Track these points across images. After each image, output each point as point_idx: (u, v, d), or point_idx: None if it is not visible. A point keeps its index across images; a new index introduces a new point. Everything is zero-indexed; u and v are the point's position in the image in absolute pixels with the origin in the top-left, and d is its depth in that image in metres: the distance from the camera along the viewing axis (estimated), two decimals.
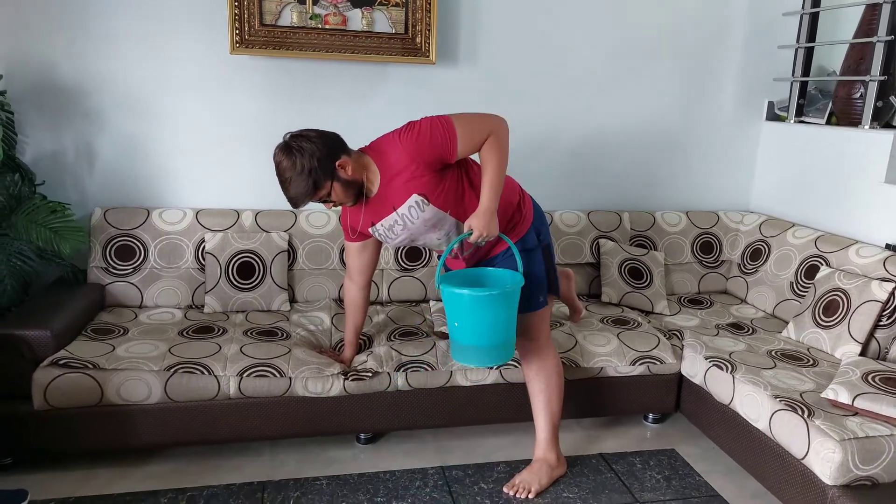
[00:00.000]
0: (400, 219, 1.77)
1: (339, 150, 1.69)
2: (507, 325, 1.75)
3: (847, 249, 2.27)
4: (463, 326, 1.73)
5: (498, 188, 1.71)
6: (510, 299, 1.74)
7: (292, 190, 1.66)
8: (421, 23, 2.40)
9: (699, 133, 2.83)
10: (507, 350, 1.78)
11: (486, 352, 1.75)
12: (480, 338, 1.73)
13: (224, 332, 2.10)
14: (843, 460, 1.56)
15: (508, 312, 1.75)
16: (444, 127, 1.69)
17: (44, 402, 1.80)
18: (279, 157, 1.67)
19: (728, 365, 1.99)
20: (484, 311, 1.70)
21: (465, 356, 1.78)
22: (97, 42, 2.28)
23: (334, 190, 1.70)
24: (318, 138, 1.67)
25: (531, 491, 1.89)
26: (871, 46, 2.34)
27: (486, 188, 1.70)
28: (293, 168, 1.64)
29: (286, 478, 1.94)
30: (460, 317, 1.73)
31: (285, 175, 1.66)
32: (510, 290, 1.72)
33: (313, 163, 1.63)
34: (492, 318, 1.72)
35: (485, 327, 1.72)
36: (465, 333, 1.74)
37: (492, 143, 1.71)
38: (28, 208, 2.08)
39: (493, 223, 1.70)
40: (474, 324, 1.72)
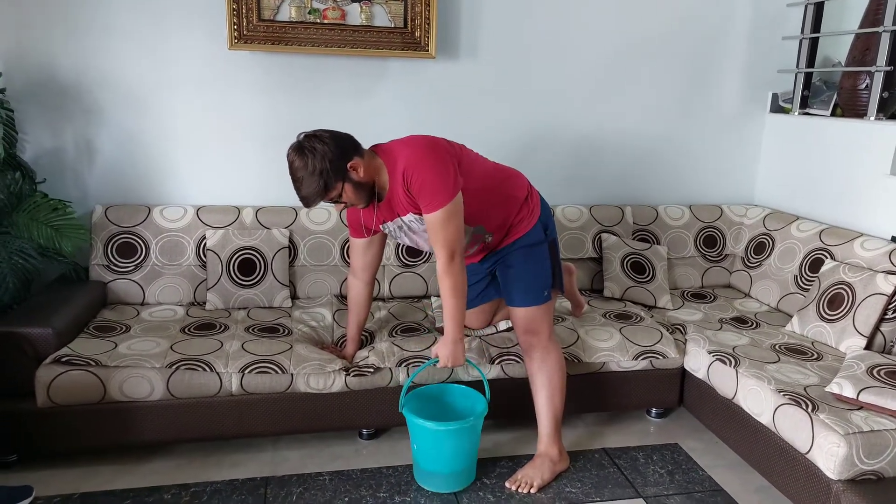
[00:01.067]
0: (405, 224, 1.82)
1: (352, 152, 1.71)
2: (468, 453, 1.86)
3: (852, 242, 2.25)
4: (423, 452, 1.83)
5: (459, 318, 1.78)
6: (472, 431, 1.84)
7: (304, 190, 1.68)
8: (420, 17, 2.38)
9: (702, 126, 2.81)
10: (469, 476, 1.90)
11: (446, 478, 1.86)
12: (441, 465, 1.83)
13: (226, 329, 2.10)
14: (847, 454, 1.55)
15: (470, 442, 1.85)
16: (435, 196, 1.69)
17: (47, 400, 1.81)
18: (292, 157, 1.69)
19: (731, 359, 1.98)
20: (445, 441, 1.79)
21: (425, 480, 1.88)
22: (96, 39, 2.27)
23: (345, 191, 1.71)
24: (331, 139, 1.68)
25: (533, 486, 1.89)
26: (877, 37, 2.31)
27: (449, 321, 1.78)
28: (305, 168, 1.66)
29: (289, 473, 1.95)
30: (421, 443, 1.83)
31: (297, 175, 1.68)
32: (471, 425, 1.81)
33: (325, 164, 1.65)
34: (453, 448, 1.82)
35: (445, 456, 1.82)
36: (426, 459, 1.84)
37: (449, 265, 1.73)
38: (29, 206, 2.08)
39: (458, 352, 1.79)
40: (435, 452, 1.82)
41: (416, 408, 1.86)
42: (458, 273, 1.75)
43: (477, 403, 1.90)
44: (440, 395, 1.96)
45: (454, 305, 1.76)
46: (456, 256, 1.74)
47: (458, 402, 1.96)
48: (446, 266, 1.73)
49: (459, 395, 1.96)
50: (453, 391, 1.97)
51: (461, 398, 1.95)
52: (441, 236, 1.72)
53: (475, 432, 1.86)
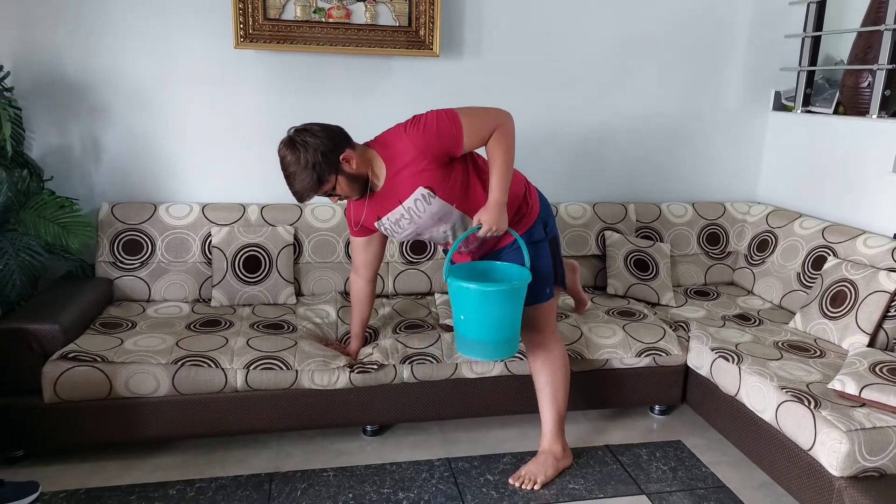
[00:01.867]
0: (406, 212, 1.77)
1: (344, 144, 1.69)
2: (512, 320, 1.76)
3: (854, 240, 2.26)
4: (469, 320, 1.73)
5: (506, 182, 1.71)
6: (517, 295, 1.74)
7: (297, 184, 1.67)
8: (424, 15, 2.39)
9: (705, 123, 2.82)
10: (512, 345, 1.79)
11: (492, 346, 1.76)
12: (486, 333, 1.73)
13: (231, 326, 2.11)
14: (849, 451, 1.55)
15: (514, 308, 1.75)
16: (450, 120, 1.68)
17: (53, 396, 1.82)
18: (283, 152, 1.67)
19: (734, 356, 1.98)
20: (491, 306, 1.70)
21: (470, 350, 1.78)
22: (103, 37, 2.29)
23: (339, 184, 1.70)
24: (322, 132, 1.67)
25: (537, 482, 1.89)
26: (879, 35, 2.31)
27: (495, 182, 1.70)
28: (297, 163, 1.64)
29: (293, 469, 1.96)
30: (466, 311, 1.73)
31: (290, 170, 1.66)
32: (517, 287, 1.72)
33: (317, 157, 1.63)
34: (498, 314, 1.72)
35: (491, 322, 1.72)
36: (471, 328, 1.74)
37: (498, 136, 1.70)
38: (36, 204, 2.09)
39: (502, 217, 1.70)
40: (481, 318, 1.72)
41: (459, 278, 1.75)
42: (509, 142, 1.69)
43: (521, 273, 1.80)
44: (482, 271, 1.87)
45: (504, 169, 1.69)
46: (501, 126, 1.69)
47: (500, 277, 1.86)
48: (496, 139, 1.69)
49: (502, 271, 1.86)
50: (494, 268, 1.87)
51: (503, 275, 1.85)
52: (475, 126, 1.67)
53: (519, 298, 1.75)
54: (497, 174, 1.70)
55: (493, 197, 1.70)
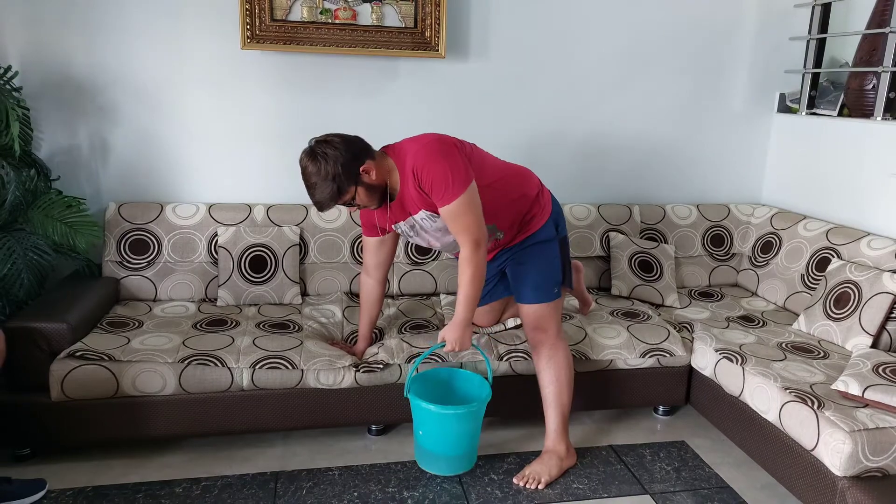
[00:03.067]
0: (416, 223, 1.84)
1: (364, 155, 1.72)
2: (471, 437, 1.88)
3: (858, 242, 2.26)
4: (427, 435, 1.86)
5: (473, 303, 1.77)
6: (475, 416, 1.87)
7: (317, 195, 1.70)
8: (430, 17, 2.40)
9: (710, 125, 2.82)
10: (470, 459, 1.94)
11: (449, 461, 1.89)
12: (445, 448, 1.86)
13: (237, 325, 2.13)
14: (852, 451, 1.56)
15: (473, 426, 1.87)
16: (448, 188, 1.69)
17: (61, 394, 1.83)
18: (305, 163, 1.70)
19: (738, 357, 1.99)
20: (449, 425, 1.82)
21: (429, 463, 1.92)
22: (111, 38, 2.30)
23: (358, 194, 1.73)
24: (342, 143, 1.70)
25: (541, 482, 1.90)
26: (884, 37, 2.32)
27: (462, 303, 1.77)
28: (318, 173, 1.68)
29: (299, 468, 1.97)
30: (425, 427, 1.85)
31: (311, 180, 1.70)
32: (475, 410, 1.84)
33: (337, 168, 1.67)
34: (456, 432, 1.85)
35: (449, 440, 1.85)
36: (430, 442, 1.86)
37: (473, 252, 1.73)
38: (44, 203, 2.11)
39: (465, 336, 1.79)
40: (439, 436, 1.85)
41: (421, 392, 1.88)
42: (481, 262, 1.74)
43: (481, 389, 1.92)
44: (446, 380, 1.97)
45: (471, 292, 1.75)
46: (481, 245, 1.73)
47: (463, 387, 1.98)
48: (471, 255, 1.73)
49: (464, 380, 1.97)
50: (458, 376, 1.98)
51: (465, 384, 1.97)
52: (462, 226, 1.72)
53: (478, 417, 1.88)
54: (464, 296, 1.76)
55: (458, 316, 1.78)
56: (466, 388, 1.97)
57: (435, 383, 1.96)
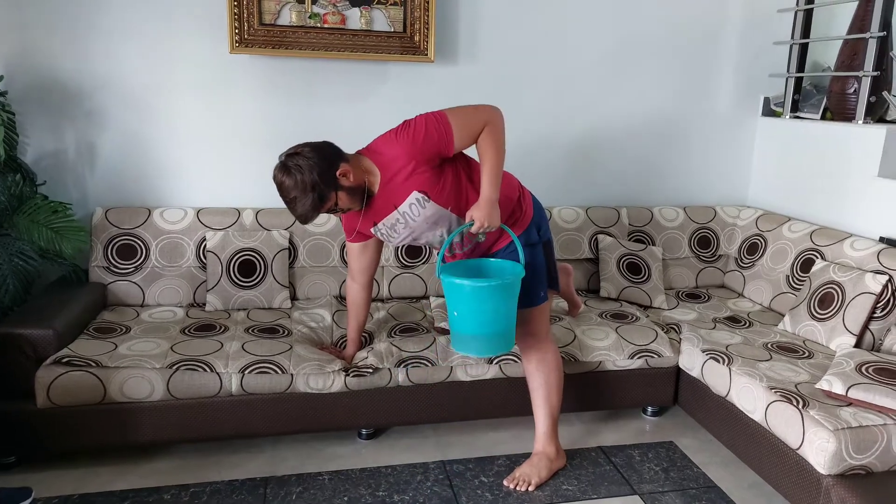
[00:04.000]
0: (402, 217, 1.78)
1: (337, 159, 1.69)
2: (507, 315, 1.76)
3: (842, 243, 2.30)
4: (462, 316, 1.73)
5: (497, 178, 1.71)
6: (510, 291, 1.74)
7: (299, 208, 1.67)
8: (419, 21, 2.41)
9: (696, 129, 2.85)
10: (508, 340, 1.79)
11: (486, 341, 1.75)
12: (480, 327, 1.73)
13: (226, 330, 2.12)
14: (836, 450, 1.58)
15: (509, 303, 1.75)
16: (438, 121, 1.70)
17: (47, 401, 1.81)
18: (280, 178, 1.67)
19: (725, 357, 2.01)
20: (484, 301, 1.70)
21: (465, 346, 1.78)
22: (98, 42, 2.29)
23: (340, 199, 1.71)
24: (313, 152, 1.67)
25: (531, 484, 1.91)
26: (865, 42, 2.36)
27: (486, 178, 1.70)
28: (296, 187, 1.64)
29: (288, 473, 1.96)
30: (460, 307, 1.73)
31: (290, 195, 1.66)
32: (510, 282, 1.73)
33: (314, 177, 1.63)
34: (492, 309, 1.72)
35: (485, 318, 1.72)
36: (465, 323, 1.74)
37: (488, 133, 1.72)
38: (29, 208, 2.09)
39: (494, 214, 1.69)
40: (474, 314, 1.72)
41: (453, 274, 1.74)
42: (499, 136, 1.70)
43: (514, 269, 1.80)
44: (476, 268, 1.86)
45: (495, 167, 1.69)
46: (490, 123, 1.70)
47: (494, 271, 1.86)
48: (487, 134, 1.70)
49: (494, 266, 1.86)
50: (488, 265, 1.87)
51: (496, 268, 1.86)
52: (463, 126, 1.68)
53: (513, 293, 1.75)
54: (488, 171, 1.70)
55: (485, 194, 1.70)
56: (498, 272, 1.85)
57: (465, 269, 1.83)
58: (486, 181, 1.70)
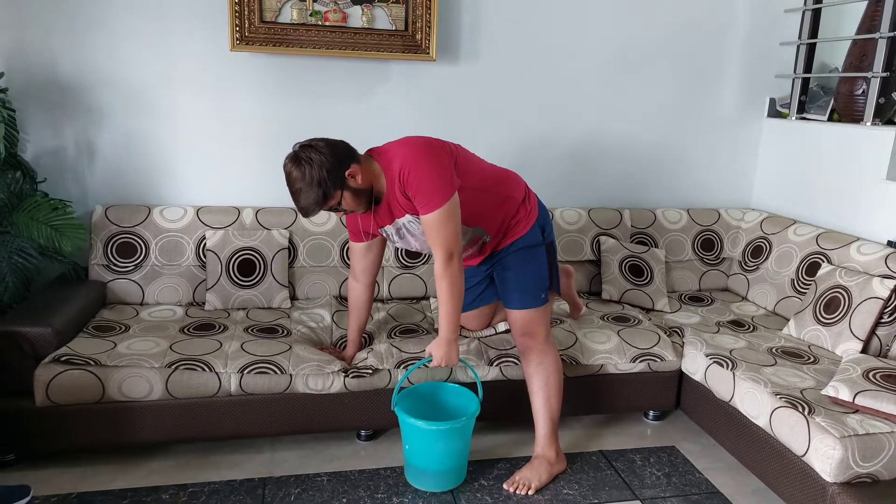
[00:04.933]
0: (403, 227, 1.82)
1: (349, 159, 1.70)
2: (459, 453, 1.86)
3: (848, 246, 2.27)
4: (414, 451, 1.84)
5: (455, 317, 1.77)
6: (463, 431, 1.84)
7: (303, 200, 1.68)
8: (421, 20, 2.39)
9: (700, 130, 2.83)
10: (460, 475, 1.90)
11: (437, 477, 1.86)
12: (432, 464, 1.83)
13: (225, 330, 2.11)
14: (843, 457, 1.56)
15: (461, 442, 1.86)
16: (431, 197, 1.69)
17: (45, 399, 1.81)
18: (289, 168, 1.68)
19: (728, 362, 1.99)
20: (436, 442, 1.81)
21: (417, 479, 1.88)
22: (98, 39, 2.28)
23: (345, 199, 1.71)
24: (327, 148, 1.68)
25: (531, 487, 1.89)
26: (874, 43, 2.33)
27: (444, 320, 1.77)
28: (303, 179, 1.65)
29: (287, 474, 1.95)
30: (412, 442, 1.83)
31: (296, 186, 1.67)
32: (462, 425, 1.81)
33: (322, 173, 1.64)
34: (444, 448, 1.82)
35: (437, 456, 1.84)
36: (418, 457, 1.84)
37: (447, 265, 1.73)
38: (29, 206, 2.08)
39: (451, 352, 1.79)
40: (427, 451, 1.82)
41: (408, 407, 1.86)
42: (456, 274, 1.75)
43: (470, 403, 1.91)
44: (433, 393, 1.97)
45: (451, 306, 1.76)
46: (454, 257, 1.74)
47: (451, 400, 1.96)
48: (444, 267, 1.73)
49: (452, 393, 1.96)
50: (446, 390, 1.97)
51: (454, 397, 1.96)
52: (438, 237, 1.72)
53: (467, 432, 1.86)
54: (445, 313, 1.76)
55: (443, 334, 1.78)
56: (455, 402, 1.95)
57: (423, 397, 1.94)
58: (445, 322, 1.77)
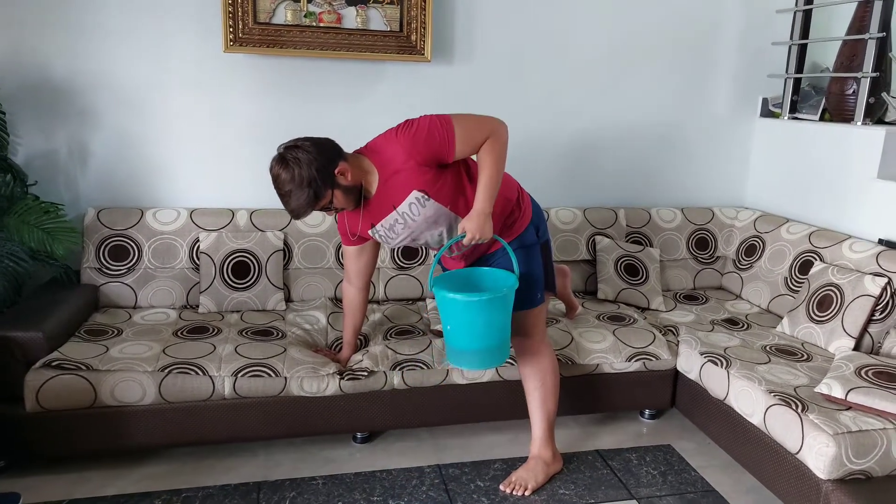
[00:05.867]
0: (401, 217, 1.76)
1: (337, 157, 1.67)
2: (501, 328, 1.74)
3: (840, 245, 2.28)
4: (456, 330, 1.72)
5: (493, 190, 1.69)
6: (504, 303, 1.72)
7: (293, 202, 1.64)
8: (416, 21, 2.39)
9: (694, 130, 2.84)
10: (503, 352, 1.77)
11: (480, 355, 1.74)
12: (474, 341, 1.71)
13: (219, 332, 2.09)
14: (836, 454, 1.56)
15: (503, 316, 1.73)
16: (442, 126, 1.67)
17: (36, 405, 1.79)
18: (276, 171, 1.64)
19: (723, 360, 2.00)
20: (477, 315, 1.68)
21: (459, 360, 1.77)
22: (91, 40, 2.26)
23: (335, 197, 1.68)
24: (313, 147, 1.64)
25: (527, 488, 1.89)
26: (864, 43, 2.35)
27: (482, 190, 1.68)
28: (292, 181, 1.61)
29: (282, 478, 1.94)
30: (453, 321, 1.71)
31: (284, 188, 1.63)
32: (503, 295, 1.70)
33: (312, 172, 1.61)
34: (485, 322, 1.70)
35: (478, 331, 1.70)
36: (459, 337, 1.72)
37: (490, 145, 1.69)
38: (20, 209, 2.06)
39: (486, 225, 1.68)
40: (468, 328, 1.70)
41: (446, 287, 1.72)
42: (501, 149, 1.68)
43: (507, 279, 1.78)
44: (468, 277, 1.84)
45: (492, 179, 1.67)
46: (493, 134, 1.68)
47: (487, 283, 1.84)
48: (490, 145, 1.67)
49: (488, 277, 1.84)
50: (482, 274, 1.85)
51: (489, 279, 1.83)
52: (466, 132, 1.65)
53: (507, 305, 1.72)
54: (484, 183, 1.68)
55: (478, 206, 1.68)
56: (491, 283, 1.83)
57: (459, 280, 1.81)
58: (482, 193, 1.67)
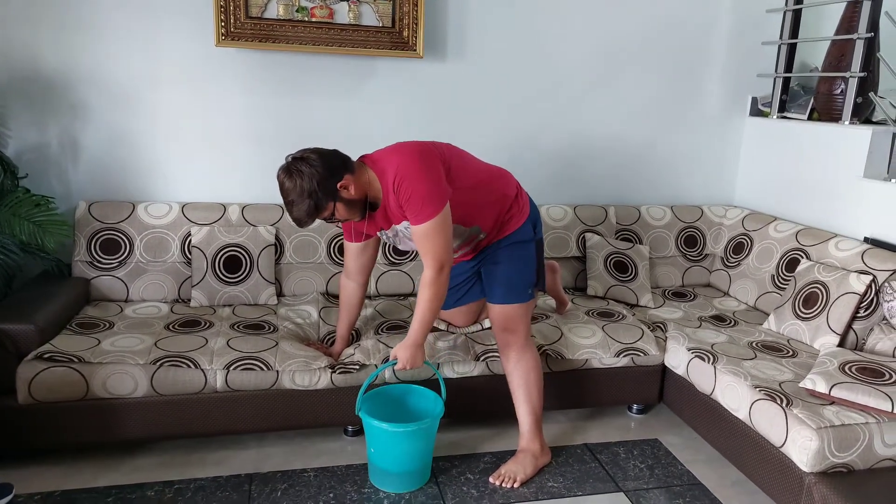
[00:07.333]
0: (400, 232, 1.83)
1: (341, 170, 1.71)
2: (422, 454, 1.87)
3: (827, 243, 2.31)
4: (379, 453, 1.84)
5: (427, 325, 1.79)
6: (427, 433, 1.84)
7: (295, 212, 1.70)
8: (408, 16, 2.40)
9: (684, 128, 2.86)
10: (423, 476, 1.90)
11: (401, 478, 1.86)
12: (395, 465, 1.84)
13: (211, 326, 2.10)
14: (819, 448, 1.59)
15: (425, 444, 1.87)
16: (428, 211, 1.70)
17: (28, 397, 1.79)
18: (282, 179, 1.70)
19: (710, 356, 2.02)
20: (400, 443, 1.81)
21: (382, 481, 1.88)
22: (82, 34, 2.25)
23: (337, 210, 1.72)
24: (318, 160, 1.68)
25: (516, 480, 1.91)
26: (852, 43, 2.37)
27: (416, 323, 1.78)
28: (294, 190, 1.67)
29: (273, 470, 1.95)
30: (377, 445, 1.84)
31: (288, 197, 1.69)
32: (427, 426, 1.82)
33: (313, 185, 1.66)
34: (407, 450, 1.83)
35: (401, 457, 1.84)
36: (382, 459, 1.84)
37: (436, 276, 1.75)
38: (11, 202, 2.06)
39: (417, 356, 1.80)
40: (391, 453, 1.83)
41: (374, 409, 1.86)
42: (443, 285, 1.76)
43: (435, 405, 1.90)
44: (400, 396, 1.97)
45: (428, 315, 1.78)
46: (444, 268, 1.75)
47: (417, 403, 1.96)
48: (433, 277, 1.74)
49: (419, 396, 1.96)
50: (413, 392, 1.97)
51: (420, 399, 1.96)
52: (429, 248, 1.73)
53: (430, 434, 1.87)
54: (419, 318, 1.77)
55: (411, 336, 1.79)
56: (420, 404, 1.95)
57: (388, 400, 1.95)
58: (416, 325, 1.78)
